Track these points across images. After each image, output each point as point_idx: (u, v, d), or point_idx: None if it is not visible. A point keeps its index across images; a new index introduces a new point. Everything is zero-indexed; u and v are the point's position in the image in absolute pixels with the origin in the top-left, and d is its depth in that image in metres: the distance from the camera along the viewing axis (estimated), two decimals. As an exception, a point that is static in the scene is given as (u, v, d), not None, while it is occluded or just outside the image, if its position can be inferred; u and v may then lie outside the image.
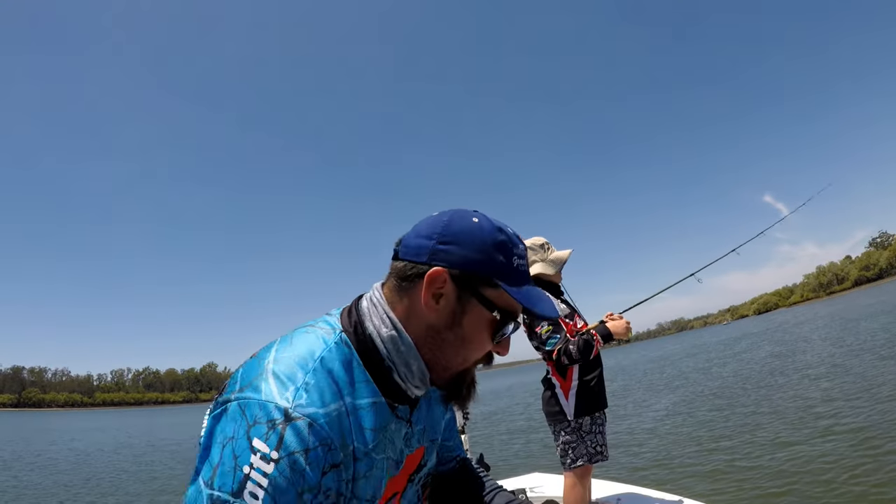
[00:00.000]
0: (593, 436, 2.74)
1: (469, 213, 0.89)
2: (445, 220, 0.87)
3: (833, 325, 28.54)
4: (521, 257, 0.89)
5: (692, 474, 6.51)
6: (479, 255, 0.84)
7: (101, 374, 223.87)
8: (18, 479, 13.36)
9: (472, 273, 0.84)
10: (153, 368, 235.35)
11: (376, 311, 0.87)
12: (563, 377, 2.80)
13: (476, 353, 0.89)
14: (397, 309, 0.87)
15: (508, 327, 0.88)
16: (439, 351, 0.87)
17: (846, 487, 5.01)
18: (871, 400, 8.30)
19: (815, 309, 74.22)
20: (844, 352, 15.22)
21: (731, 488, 5.64)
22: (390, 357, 0.85)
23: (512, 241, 0.88)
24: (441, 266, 0.83)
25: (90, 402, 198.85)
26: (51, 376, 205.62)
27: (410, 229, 0.91)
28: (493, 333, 0.87)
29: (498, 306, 0.85)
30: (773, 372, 14.45)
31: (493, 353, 0.92)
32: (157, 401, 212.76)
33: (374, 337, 0.86)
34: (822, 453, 6.18)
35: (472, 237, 0.85)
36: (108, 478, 13.02)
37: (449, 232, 0.85)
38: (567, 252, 2.97)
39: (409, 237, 0.89)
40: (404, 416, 0.90)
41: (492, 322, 0.86)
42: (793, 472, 5.74)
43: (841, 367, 12.30)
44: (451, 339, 0.86)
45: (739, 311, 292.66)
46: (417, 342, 0.86)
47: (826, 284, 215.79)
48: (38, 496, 11.07)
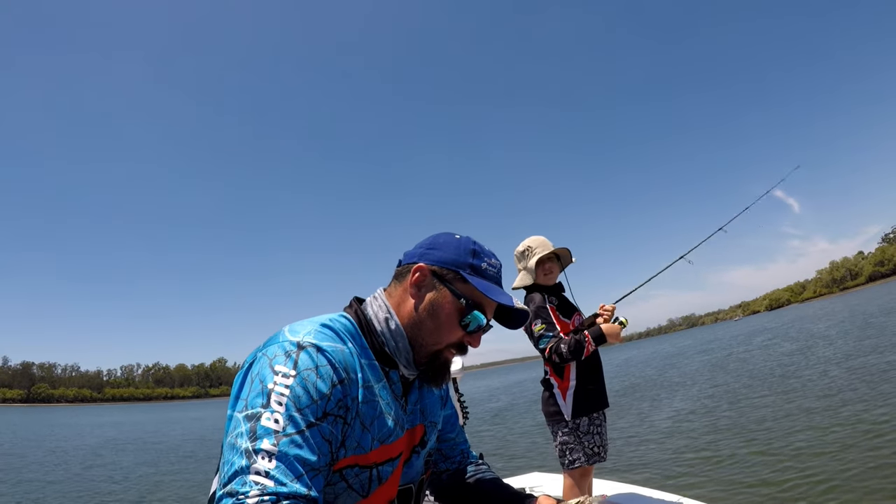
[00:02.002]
0: (591, 436, 2.69)
1: (455, 234, 1.18)
2: (436, 235, 1.18)
3: (854, 320, 27.51)
4: (491, 265, 1.15)
5: (693, 474, 6.32)
6: (453, 256, 1.12)
7: (110, 369, 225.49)
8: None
9: (446, 269, 1.11)
10: (163, 364, 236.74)
11: (376, 302, 1.15)
12: (561, 377, 2.76)
13: (447, 337, 1.11)
14: (392, 300, 1.14)
15: (475, 317, 1.10)
16: (418, 331, 1.11)
17: (848, 487, 4.85)
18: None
19: (831, 305, 72.68)
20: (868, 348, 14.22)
21: (733, 489, 5.49)
22: (383, 333, 1.10)
23: (484, 252, 1.16)
24: (424, 263, 1.12)
25: (99, 398, 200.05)
26: (60, 372, 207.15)
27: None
28: (460, 319, 1.10)
29: (465, 296, 1.10)
30: (786, 373, 13.59)
31: (467, 344, 1.14)
32: (166, 396, 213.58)
33: (372, 317, 1.12)
34: (827, 455, 5.95)
35: (451, 244, 1.15)
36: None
37: (436, 242, 1.16)
38: (534, 259, 2.83)
39: (410, 250, 1.18)
40: (398, 390, 1.12)
41: (459, 309, 1.10)
42: (795, 473, 5.58)
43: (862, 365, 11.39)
44: (427, 321, 1.10)
45: (751, 306, 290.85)
46: (404, 324, 1.11)
47: (840, 280, 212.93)
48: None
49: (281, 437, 0.87)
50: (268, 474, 0.83)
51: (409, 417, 1.15)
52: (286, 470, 0.85)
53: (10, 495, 10.54)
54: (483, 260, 1.14)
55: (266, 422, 0.88)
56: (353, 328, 1.08)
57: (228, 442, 0.89)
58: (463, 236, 1.17)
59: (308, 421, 0.90)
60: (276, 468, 0.84)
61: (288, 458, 0.86)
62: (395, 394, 1.11)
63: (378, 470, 1.04)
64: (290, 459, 0.86)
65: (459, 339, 1.12)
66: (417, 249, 1.16)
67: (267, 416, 0.88)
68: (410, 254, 1.17)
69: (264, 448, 0.85)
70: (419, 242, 1.19)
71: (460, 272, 1.11)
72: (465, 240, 1.16)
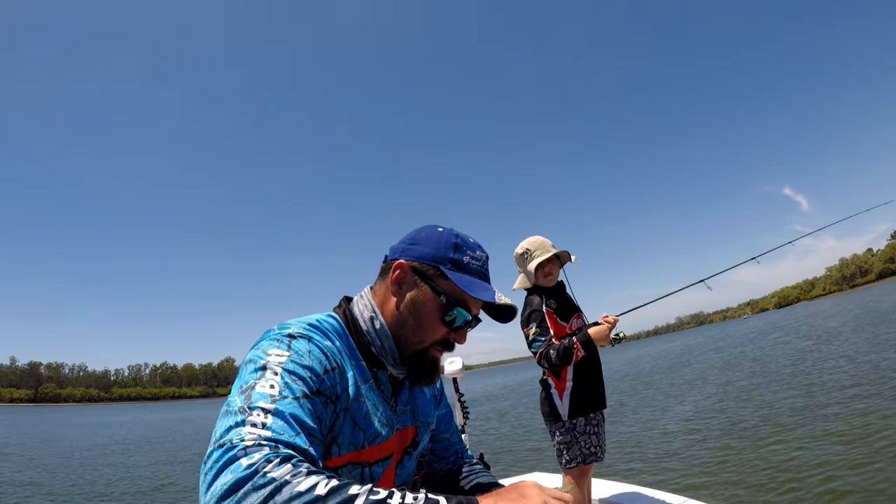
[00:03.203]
0: (587, 436, 2.68)
1: (438, 226, 1.13)
2: (418, 230, 1.13)
3: (868, 317, 26.76)
4: (474, 259, 1.10)
5: (695, 474, 6.20)
6: (433, 251, 1.07)
7: (118, 369, 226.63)
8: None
9: (426, 264, 1.07)
10: (170, 363, 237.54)
11: (362, 301, 1.12)
12: (558, 378, 2.76)
13: (430, 335, 1.07)
14: (377, 298, 1.11)
15: (458, 313, 1.06)
16: (401, 329, 1.07)
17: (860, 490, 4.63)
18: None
19: (843, 302, 71.56)
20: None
21: (734, 489, 5.37)
22: (369, 332, 1.08)
23: (468, 244, 1.10)
24: (405, 259, 1.08)
25: (107, 398, 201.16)
26: (68, 372, 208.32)
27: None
28: (442, 316, 1.06)
29: (445, 292, 1.06)
30: (797, 371, 13.05)
31: (452, 340, 1.10)
32: (173, 395, 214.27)
33: (358, 317, 1.10)
34: (838, 456, 5.71)
35: (432, 238, 1.09)
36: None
37: (417, 236, 1.11)
38: (535, 262, 2.80)
39: (395, 244, 1.14)
40: (387, 391, 1.09)
41: (440, 306, 1.06)
42: (799, 472, 5.44)
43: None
44: (409, 320, 1.07)
45: (760, 304, 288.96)
46: (388, 323, 1.08)
47: (850, 277, 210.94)
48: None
49: (277, 399, 0.82)
50: (265, 425, 0.78)
51: (400, 418, 1.12)
52: (284, 425, 0.79)
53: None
54: (465, 254, 1.09)
55: (261, 388, 0.84)
56: (341, 328, 1.06)
57: (222, 412, 0.83)
58: (445, 229, 1.12)
59: (303, 391, 0.86)
60: (274, 422, 0.79)
61: (285, 416, 0.81)
62: (383, 394, 1.08)
63: (370, 469, 1.02)
64: (288, 417, 0.81)
65: (444, 336, 1.08)
66: (400, 245, 1.12)
67: (262, 384, 0.84)
68: (394, 249, 1.12)
69: (260, 406, 0.80)
70: (403, 237, 1.14)
71: (440, 268, 1.06)
72: (446, 233, 1.10)
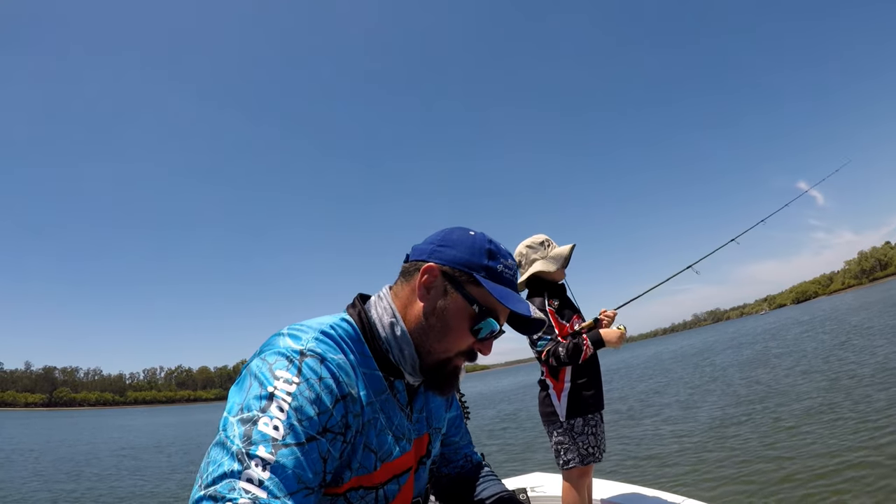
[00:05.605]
0: (585, 437, 2.69)
1: (469, 229, 1.05)
2: (448, 230, 1.05)
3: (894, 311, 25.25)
4: (507, 267, 1.01)
5: (696, 474, 6.09)
6: (467, 256, 0.99)
7: (133, 373, 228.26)
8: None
9: (459, 270, 0.98)
10: (185, 367, 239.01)
11: (381, 303, 1.02)
12: (556, 378, 2.77)
13: (457, 344, 0.99)
14: (398, 301, 1.01)
15: (487, 324, 0.98)
16: (426, 336, 0.98)
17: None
18: None
19: (864, 296, 69.39)
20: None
21: (734, 489, 5.29)
22: (388, 339, 0.98)
23: (501, 252, 1.02)
24: (435, 262, 0.99)
25: (122, 401, 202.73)
26: (82, 376, 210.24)
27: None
28: (472, 326, 0.98)
29: (478, 301, 0.97)
30: (809, 368, 12.07)
31: (477, 351, 1.01)
32: (189, 398, 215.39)
33: (376, 322, 1.00)
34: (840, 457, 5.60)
35: (465, 242, 1.00)
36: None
37: (448, 238, 1.02)
38: (568, 247, 2.89)
39: (419, 244, 1.05)
40: (402, 399, 1.02)
41: (471, 315, 0.97)
42: (800, 472, 5.35)
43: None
44: (436, 327, 0.98)
45: (777, 300, 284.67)
46: (410, 330, 0.99)
47: (869, 271, 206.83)
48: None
49: (280, 447, 0.77)
50: (261, 484, 0.73)
51: (416, 427, 1.06)
52: (280, 484, 0.75)
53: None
54: (499, 262, 1.00)
55: (264, 427, 0.78)
56: (355, 333, 0.97)
57: (217, 441, 0.78)
58: (478, 233, 1.04)
59: (308, 434, 0.80)
60: (271, 479, 0.74)
61: (285, 472, 0.76)
62: (399, 403, 1.01)
63: (384, 490, 0.96)
64: (287, 473, 0.76)
65: (469, 346, 1.00)
66: (428, 245, 1.02)
67: (265, 421, 0.78)
68: (420, 249, 1.03)
69: (260, 455, 0.75)
70: (429, 237, 1.05)
71: (474, 275, 0.97)
72: (480, 237, 1.02)
